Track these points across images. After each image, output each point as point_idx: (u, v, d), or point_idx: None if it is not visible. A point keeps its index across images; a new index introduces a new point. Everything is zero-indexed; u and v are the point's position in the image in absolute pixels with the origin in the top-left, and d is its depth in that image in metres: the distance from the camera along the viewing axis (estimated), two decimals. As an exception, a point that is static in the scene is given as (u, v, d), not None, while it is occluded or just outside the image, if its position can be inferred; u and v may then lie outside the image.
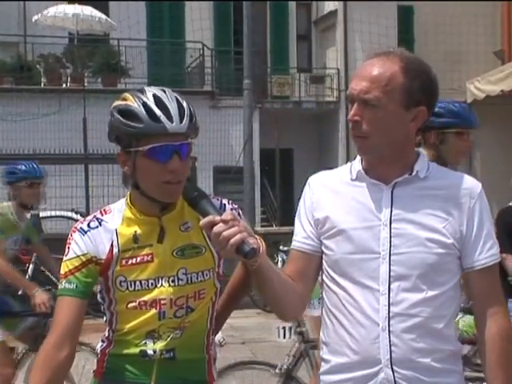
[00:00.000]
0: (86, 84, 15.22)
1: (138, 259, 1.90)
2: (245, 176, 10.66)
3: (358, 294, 1.82)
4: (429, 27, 18.07)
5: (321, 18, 19.85)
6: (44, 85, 15.20)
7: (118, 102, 1.90)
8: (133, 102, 1.87)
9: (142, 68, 16.31)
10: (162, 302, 1.90)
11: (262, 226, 14.33)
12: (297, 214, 1.98)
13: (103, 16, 15.74)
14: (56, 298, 1.92)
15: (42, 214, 9.61)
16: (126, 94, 1.91)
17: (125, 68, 16.00)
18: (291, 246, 1.98)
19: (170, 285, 1.90)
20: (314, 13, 20.18)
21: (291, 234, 2.00)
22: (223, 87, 17.04)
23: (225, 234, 1.67)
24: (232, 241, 1.67)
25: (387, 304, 1.79)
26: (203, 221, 1.71)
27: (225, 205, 2.00)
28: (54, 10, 15.23)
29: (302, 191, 2.00)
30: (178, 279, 1.91)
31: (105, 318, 1.98)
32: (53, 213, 9.11)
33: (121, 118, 1.86)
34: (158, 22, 18.37)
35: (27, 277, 8.32)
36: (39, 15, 15.21)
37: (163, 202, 1.91)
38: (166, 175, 1.84)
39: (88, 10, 15.44)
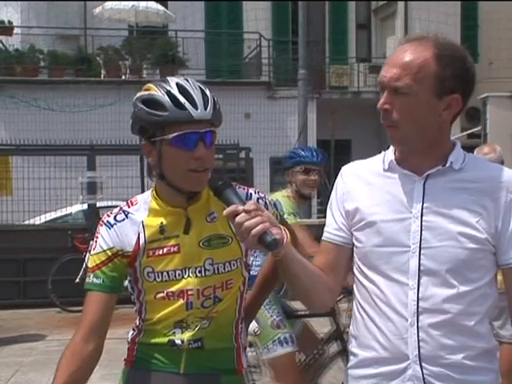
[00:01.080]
0: (144, 75, 15.44)
1: (165, 250, 1.91)
2: (299, 167, 10.56)
3: (386, 288, 1.79)
4: (493, 14, 17.57)
5: (380, 6, 19.56)
6: (103, 77, 15.47)
7: (140, 93, 1.92)
8: (156, 91, 1.88)
9: (199, 59, 16.40)
10: (189, 292, 1.91)
11: (318, 218, 14.24)
12: (329, 204, 1.96)
13: (161, 8, 15.94)
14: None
15: (98, 204, 9.82)
16: (149, 85, 1.93)
17: (182, 59, 16.12)
18: (322, 238, 1.95)
19: (196, 275, 1.91)
20: (373, 1, 19.89)
21: None
22: (280, 78, 16.99)
23: (247, 224, 1.66)
24: (254, 231, 1.65)
25: (416, 299, 1.75)
26: (226, 210, 1.71)
27: (251, 194, 1.99)
28: (113, 4, 15.51)
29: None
30: (205, 270, 1.91)
31: (135, 308, 2.00)
32: (109, 203, 9.28)
33: (145, 108, 1.87)
34: (215, 13, 18.43)
35: (84, 265, 8.51)
36: (99, 8, 15.51)
37: (189, 191, 1.91)
38: (192, 163, 1.85)
39: (146, 3, 15.66)
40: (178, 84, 1.89)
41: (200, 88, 1.90)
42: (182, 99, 1.84)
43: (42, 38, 16.26)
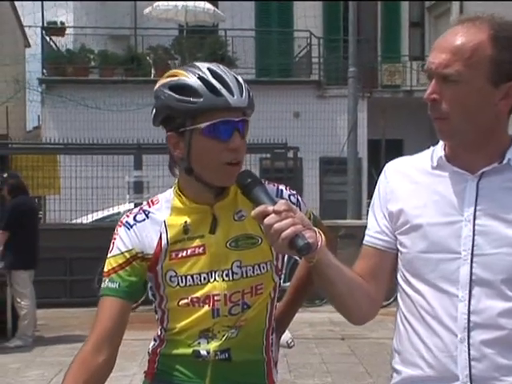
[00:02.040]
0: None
1: (189, 251, 1.76)
2: (349, 167, 10.40)
3: (433, 299, 1.61)
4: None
5: (434, 3, 19.15)
6: (153, 76, 15.53)
7: (166, 80, 1.76)
8: (187, 76, 1.72)
9: (248, 58, 16.32)
10: (216, 298, 1.76)
11: (367, 218, 13.97)
12: (371, 205, 1.79)
13: (211, 7, 15.91)
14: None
15: (145, 203, 9.79)
16: (176, 70, 1.77)
17: (232, 58, 16.07)
18: (363, 241, 1.78)
19: (223, 279, 1.76)
20: (427, 0, 19.49)
21: None
22: (331, 76, 16.79)
23: (276, 226, 1.51)
24: (284, 234, 1.50)
25: (467, 312, 1.56)
26: (254, 211, 1.56)
27: (281, 190, 1.84)
28: (163, 3, 15.55)
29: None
30: (233, 273, 1.76)
31: (156, 316, 1.86)
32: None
33: (174, 95, 1.71)
34: (265, 12, 18.33)
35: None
36: (149, 8, 15.57)
37: (219, 186, 1.76)
38: (226, 155, 1.70)
39: (197, 2, 15.65)
40: (209, 69, 1.73)
41: (232, 74, 1.75)
42: (217, 84, 1.69)
43: (92, 38, 16.46)
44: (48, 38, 16.30)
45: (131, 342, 5.49)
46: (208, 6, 15.75)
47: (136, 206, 10.30)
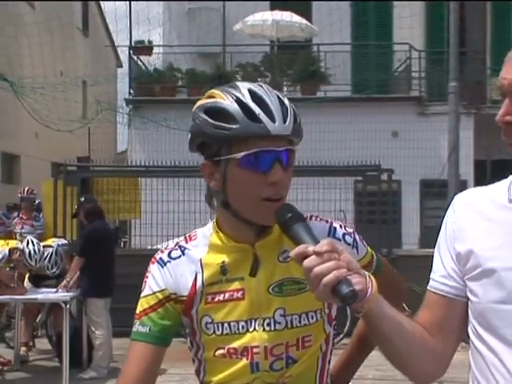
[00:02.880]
0: (284, 92, 15.42)
1: (227, 295, 1.66)
2: (449, 190, 10.01)
3: (510, 360, 1.42)
4: None
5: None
6: (242, 95, 15.67)
7: (202, 101, 1.67)
8: (224, 99, 1.63)
9: (343, 74, 16.17)
10: (255, 350, 1.64)
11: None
12: (436, 244, 1.63)
13: (304, 21, 15.90)
14: None
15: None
16: (213, 91, 1.68)
17: (325, 74, 15.96)
18: (428, 287, 1.62)
19: (264, 329, 1.64)
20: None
21: None
22: (433, 92, 16.37)
23: (317, 269, 1.38)
24: (325, 279, 1.37)
25: None
26: (293, 251, 1.44)
27: (334, 229, 1.71)
28: (254, 18, 15.68)
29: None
30: (275, 322, 1.65)
31: (194, 368, 1.76)
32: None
33: (209, 119, 1.62)
34: (363, 23, 18.08)
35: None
36: (239, 24, 15.74)
37: (260, 225, 1.65)
38: (266, 189, 1.60)
39: (288, 16, 15.69)
40: (250, 90, 1.64)
41: (277, 96, 1.65)
42: (256, 109, 1.60)
43: (182, 57, 16.79)
44: (135, 58, 16.75)
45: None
46: (300, 20, 15.75)
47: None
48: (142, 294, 1.72)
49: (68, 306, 7.29)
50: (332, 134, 13.80)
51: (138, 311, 1.71)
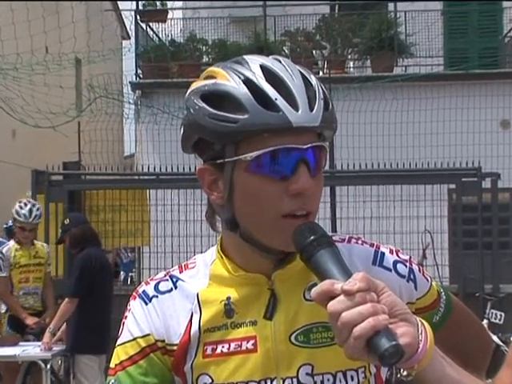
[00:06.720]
0: (350, 69, 15.48)
1: (232, 346, 1.69)
2: None
3: None
4: None
5: None
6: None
7: (199, 83, 1.69)
8: (227, 79, 1.64)
9: (430, 41, 16.17)
10: None
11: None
12: None
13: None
14: None
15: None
16: (213, 69, 1.70)
17: (405, 44, 16.04)
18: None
19: None
20: None
21: None
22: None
23: (346, 315, 1.39)
24: (357, 329, 1.38)
25: None
26: (314, 289, 1.46)
27: (382, 255, 1.73)
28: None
29: None
30: None
31: None
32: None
33: (208, 108, 1.64)
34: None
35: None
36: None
37: (280, 251, 1.66)
38: (287, 202, 1.62)
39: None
40: (263, 67, 1.65)
41: (300, 73, 1.65)
42: (272, 93, 1.61)
43: (209, 23, 16.99)
44: (144, 25, 16.94)
45: None
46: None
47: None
48: (119, 341, 1.75)
49: (49, 366, 7.36)
50: (414, 126, 13.76)
51: (112, 364, 1.74)
